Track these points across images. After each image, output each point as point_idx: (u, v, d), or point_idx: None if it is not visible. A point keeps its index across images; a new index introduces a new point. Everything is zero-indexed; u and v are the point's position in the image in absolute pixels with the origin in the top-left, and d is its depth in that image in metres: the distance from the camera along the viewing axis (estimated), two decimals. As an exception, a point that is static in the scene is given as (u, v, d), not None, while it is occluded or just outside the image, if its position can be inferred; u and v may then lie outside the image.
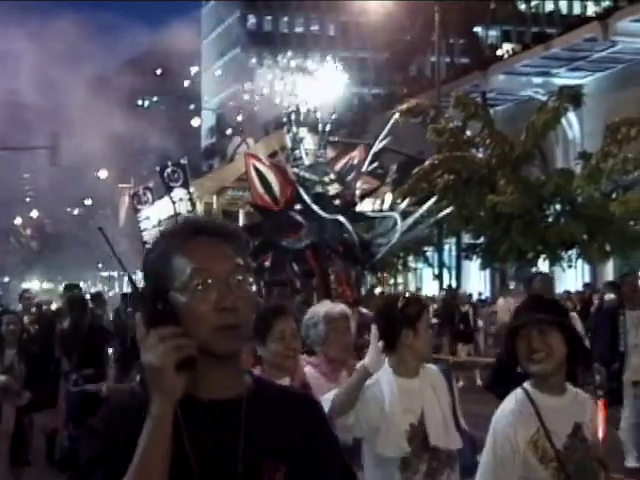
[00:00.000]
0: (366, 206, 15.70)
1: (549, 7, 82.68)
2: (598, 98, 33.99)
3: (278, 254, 15.30)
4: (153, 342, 2.00)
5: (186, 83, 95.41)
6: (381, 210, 15.73)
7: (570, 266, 30.16)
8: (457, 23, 47.74)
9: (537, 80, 38.99)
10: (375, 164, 15.97)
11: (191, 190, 20.73)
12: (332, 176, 14.56)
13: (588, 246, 28.32)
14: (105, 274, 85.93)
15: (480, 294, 27.01)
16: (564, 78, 37.33)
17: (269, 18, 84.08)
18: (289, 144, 15.66)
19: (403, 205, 16.20)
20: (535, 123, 29.61)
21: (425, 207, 15.35)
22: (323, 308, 5.50)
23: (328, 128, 15.50)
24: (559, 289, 29.13)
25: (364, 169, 15.40)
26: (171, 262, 2.13)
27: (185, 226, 2.20)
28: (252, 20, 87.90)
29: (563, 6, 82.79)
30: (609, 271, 33.51)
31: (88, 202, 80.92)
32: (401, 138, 15.03)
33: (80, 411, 9.92)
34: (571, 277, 33.36)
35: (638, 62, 35.96)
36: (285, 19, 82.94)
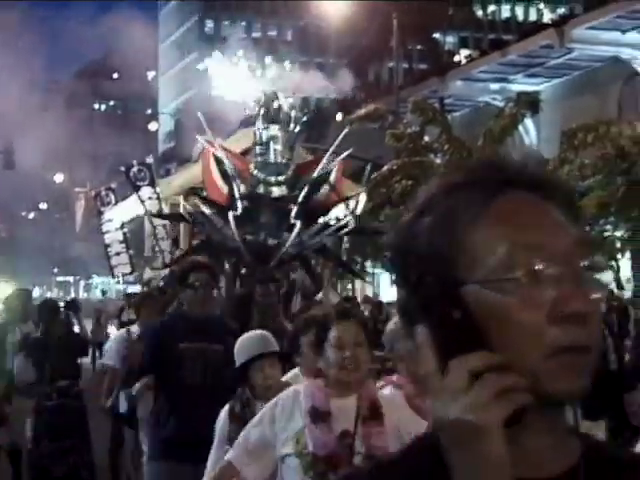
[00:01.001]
0: (340, 210, 15.00)
1: (505, 14, 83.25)
2: (554, 104, 34.19)
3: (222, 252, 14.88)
4: (464, 383, 1.14)
5: (143, 87, 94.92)
6: (351, 213, 15.05)
7: (528, 271, 30.33)
8: (415, 29, 47.86)
9: (494, 86, 39.15)
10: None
11: (157, 190, 20.32)
12: (281, 178, 13.87)
13: (545, 251, 28.46)
14: (61, 279, 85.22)
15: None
16: (521, 84, 37.52)
17: (227, 22, 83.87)
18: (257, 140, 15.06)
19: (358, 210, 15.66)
20: (493, 129, 29.74)
21: (332, 215, 14.62)
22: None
23: (298, 129, 14.77)
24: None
25: (332, 181, 14.76)
26: (465, 235, 1.24)
27: (486, 172, 1.30)
28: (210, 24, 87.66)
29: (519, 13, 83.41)
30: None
31: (43, 206, 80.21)
32: (359, 143, 14.65)
33: (55, 427, 9.64)
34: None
35: (594, 69, 36.22)
36: (243, 23, 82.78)
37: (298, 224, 13.20)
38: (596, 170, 26.17)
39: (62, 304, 11.54)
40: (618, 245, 26.70)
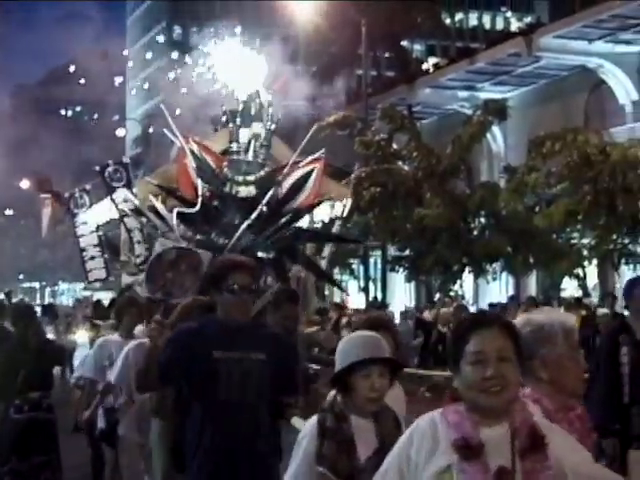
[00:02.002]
0: (324, 211, 14.48)
1: (473, 22, 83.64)
2: (522, 112, 34.35)
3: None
4: None
5: (110, 93, 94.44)
6: (337, 217, 14.54)
7: (494, 279, 30.43)
8: (383, 37, 47.94)
9: (462, 94, 39.27)
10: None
11: (134, 190, 19.51)
12: (250, 178, 13.33)
13: (512, 259, 28.59)
14: (26, 285, 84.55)
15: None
16: (489, 92, 37.67)
17: (194, 29, 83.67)
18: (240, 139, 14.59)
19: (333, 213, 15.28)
20: (461, 136, 29.85)
21: (250, 218, 14.43)
22: (554, 315, 3.96)
23: (273, 127, 14.36)
24: (483, 301, 29.34)
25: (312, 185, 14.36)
26: None
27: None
28: (178, 31, 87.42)
29: (487, 21, 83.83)
30: (532, 284, 33.84)
31: (9, 212, 79.59)
32: (328, 150, 14.52)
33: (25, 443, 9.00)
34: (495, 290, 33.62)
35: (561, 77, 36.43)
36: (211, 30, 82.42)
37: (245, 224, 12.80)
38: (563, 178, 26.31)
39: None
40: (585, 253, 26.84)
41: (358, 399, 4.29)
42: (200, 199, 13.10)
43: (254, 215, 12.87)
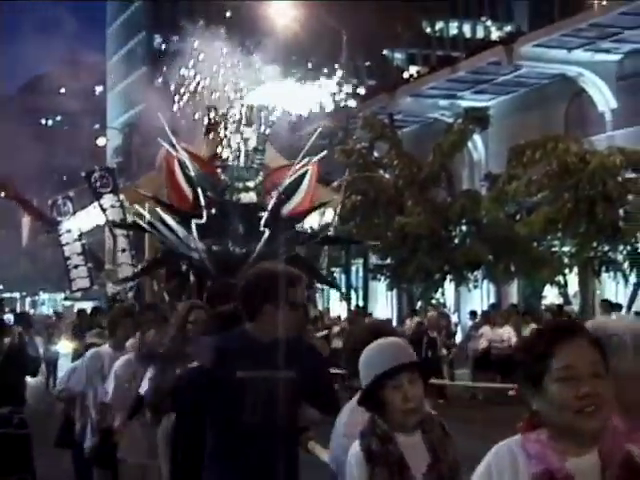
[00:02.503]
0: (314, 218, 14.17)
1: (453, 31, 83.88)
2: (502, 121, 34.46)
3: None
4: None
5: (90, 102, 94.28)
6: (328, 225, 14.18)
7: (476, 287, 30.47)
8: (364, 45, 48.02)
9: (443, 102, 39.36)
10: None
11: (121, 197, 18.84)
12: (250, 184, 13.20)
13: (493, 267, 28.64)
14: (6, 295, 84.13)
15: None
16: (469, 101, 37.77)
17: (175, 38, 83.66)
18: (233, 144, 14.04)
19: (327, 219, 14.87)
20: (442, 144, 29.92)
21: (306, 223, 14.09)
22: (625, 324, 3.24)
23: (268, 131, 14.06)
24: (465, 309, 29.38)
25: (306, 188, 13.97)
26: None
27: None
28: (158, 40, 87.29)
29: (467, 30, 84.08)
30: (513, 292, 33.91)
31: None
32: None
33: None
34: (477, 297, 33.67)
35: (541, 86, 36.58)
36: (193, 39, 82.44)
37: (267, 232, 12.61)
38: (543, 186, 26.39)
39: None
40: (565, 261, 26.91)
41: (395, 414, 3.84)
42: (205, 210, 12.84)
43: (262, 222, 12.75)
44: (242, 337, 4.95)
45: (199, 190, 12.96)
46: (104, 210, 18.93)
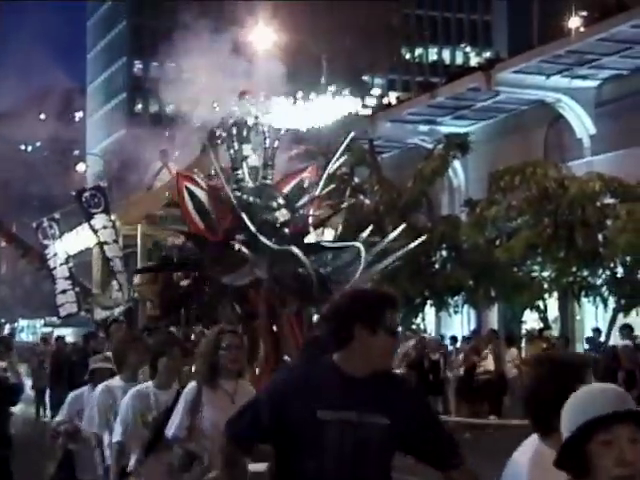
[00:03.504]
0: (322, 236, 13.68)
1: (433, 57, 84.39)
2: (482, 146, 34.61)
3: (216, 292, 12.92)
4: None
5: (71, 128, 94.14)
6: (335, 240, 13.66)
7: (456, 312, 30.48)
8: (344, 70, 48.22)
9: (423, 128, 39.52)
10: (332, 186, 14.23)
11: (112, 217, 18.14)
12: (280, 201, 12.45)
13: (474, 292, 28.66)
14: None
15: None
16: (449, 126, 37.95)
17: (155, 64, 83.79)
18: (229, 163, 13.17)
19: (365, 234, 14.44)
20: (423, 170, 30.01)
21: (392, 236, 13.76)
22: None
23: (276, 144, 13.62)
24: (446, 335, 29.37)
25: (317, 192, 13.57)
26: None
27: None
28: (138, 66, 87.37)
29: (446, 56, 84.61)
30: (494, 316, 33.94)
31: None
32: None
33: None
34: (457, 323, 33.69)
35: (520, 112, 36.80)
36: (172, 65, 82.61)
37: (364, 253, 11.88)
38: (523, 211, 26.50)
39: None
40: (545, 285, 26.96)
41: (603, 473, 2.83)
42: (244, 237, 12.01)
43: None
44: (327, 369, 4.04)
45: (243, 215, 12.03)
46: (95, 231, 18.04)
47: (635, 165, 27.98)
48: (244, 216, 12.03)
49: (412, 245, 14.24)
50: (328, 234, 13.93)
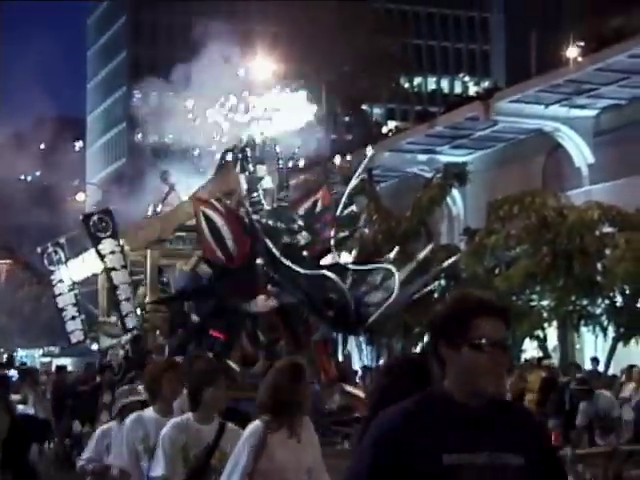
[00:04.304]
0: (338, 259, 13.14)
1: (431, 86, 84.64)
2: (480, 175, 34.66)
3: (234, 320, 12.62)
4: None
5: (70, 158, 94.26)
6: (354, 262, 13.07)
7: (456, 341, 30.40)
8: (343, 100, 48.35)
9: (422, 157, 39.59)
10: (352, 207, 13.78)
11: (121, 242, 17.47)
12: (300, 222, 12.16)
13: (473, 321, 28.58)
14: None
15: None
16: (447, 155, 38.02)
17: (155, 93, 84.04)
18: (244, 185, 12.92)
19: (392, 254, 13.89)
20: (421, 199, 30.02)
21: (422, 255, 13.41)
22: None
23: (291, 164, 13.23)
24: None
25: (338, 212, 13.19)
26: None
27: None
28: (138, 95, 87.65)
29: (445, 85, 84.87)
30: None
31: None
32: None
33: None
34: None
35: (518, 141, 36.87)
36: (171, 93, 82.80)
37: (397, 274, 11.26)
38: (522, 240, 26.49)
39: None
40: (544, 314, 26.92)
41: None
42: (264, 261, 11.82)
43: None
44: (439, 400, 3.25)
45: (266, 238, 11.70)
46: (103, 257, 17.39)
47: (633, 194, 28.02)
48: (267, 240, 11.76)
49: (445, 264, 14.00)
50: (345, 257, 13.60)
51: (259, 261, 12.18)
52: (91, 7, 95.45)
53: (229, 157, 14.33)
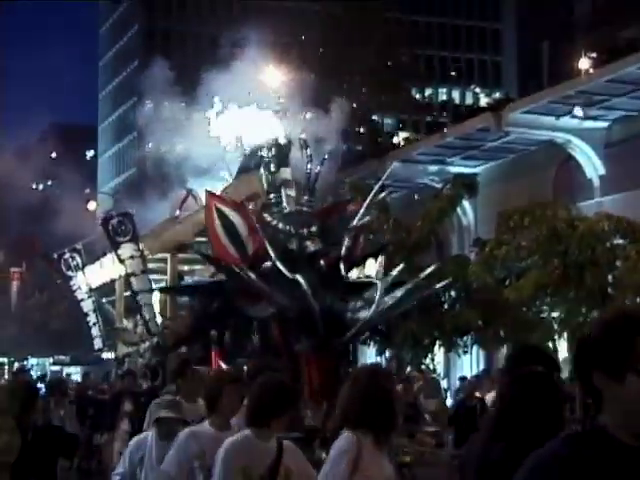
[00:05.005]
0: (363, 270, 12.69)
1: (443, 97, 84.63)
2: (491, 186, 34.64)
3: (240, 323, 12.26)
4: None
5: (82, 166, 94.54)
6: (368, 276, 12.57)
7: (465, 352, 30.34)
8: (354, 110, 48.35)
9: (432, 168, 39.59)
10: (367, 218, 13.23)
11: (141, 246, 16.81)
12: (314, 229, 11.58)
13: (483, 332, 28.54)
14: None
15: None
16: (458, 166, 38.01)
17: (166, 104, 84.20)
18: (265, 186, 12.49)
19: (395, 271, 13.33)
20: (431, 210, 30.00)
21: (424, 274, 13.11)
22: None
23: (318, 169, 12.19)
24: (454, 375, 29.25)
25: (355, 222, 12.50)
26: None
27: None
28: (149, 105, 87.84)
29: (456, 96, 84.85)
30: (503, 357, 33.76)
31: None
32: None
33: None
34: (467, 363, 33.53)
35: (529, 152, 36.83)
36: (182, 104, 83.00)
37: (379, 285, 10.72)
38: (532, 251, 26.43)
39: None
40: (555, 326, 26.84)
41: None
42: (278, 263, 11.23)
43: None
44: (600, 443, 2.54)
45: (267, 243, 11.18)
46: (122, 261, 16.85)
47: (645, 206, 27.98)
48: (266, 242, 11.32)
49: (439, 285, 13.72)
50: (371, 267, 13.26)
51: (268, 263, 11.66)
52: (104, 17, 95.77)
53: (251, 161, 14.02)
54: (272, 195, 12.15)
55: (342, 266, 11.38)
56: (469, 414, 15.52)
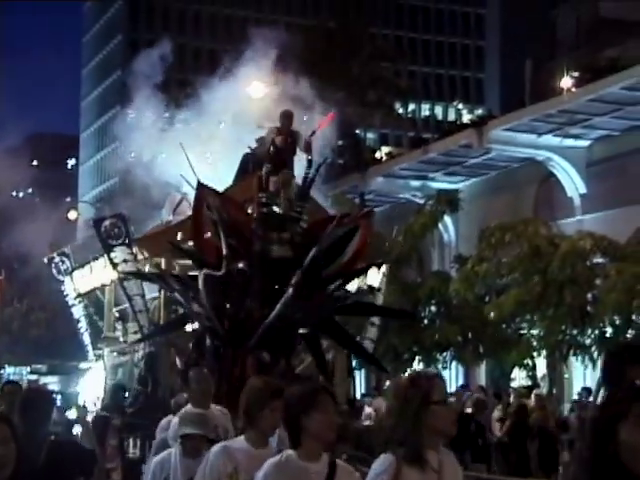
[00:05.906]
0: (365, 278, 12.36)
1: (425, 112, 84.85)
2: (473, 202, 34.70)
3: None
4: None
5: (63, 175, 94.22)
6: (370, 286, 12.22)
7: (445, 368, 30.35)
8: (336, 124, 48.34)
9: (414, 183, 39.64)
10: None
11: (134, 249, 16.31)
12: (285, 235, 11.04)
13: (462, 348, 28.57)
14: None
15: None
16: (440, 182, 38.10)
17: (149, 114, 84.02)
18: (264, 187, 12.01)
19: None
20: (413, 225, 30.04)
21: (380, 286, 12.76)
22: None
23: (312, 174, 11.56)
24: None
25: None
26: None
27: None
28: (131, 115, 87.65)
29: (439, 112, 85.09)
30: (482, 373, 33.81)
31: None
32: None
33: None
34: (446, 379, 33.51)
35: (511, 169, 36.94)
36: (166, 115, 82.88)
37: (290, 291, 10.29)
38: (513, 268, 26.49)
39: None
40: (534, 343, 26.89)
41: None
42: (225, 262, 10.82)
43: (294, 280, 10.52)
44: None
45: (222, 237, 10.79)
46: (115, 265, 16.36)
47: (625, 225, 28.09)
48: (222, 235, 10.95)
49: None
50: (373, 276, 12.72)
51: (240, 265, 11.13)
52: (87, 26, 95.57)
53: (249, 161, 13.70)
54: (262, 194, 11.71)
55: (298, 276, 10.60)
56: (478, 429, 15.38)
